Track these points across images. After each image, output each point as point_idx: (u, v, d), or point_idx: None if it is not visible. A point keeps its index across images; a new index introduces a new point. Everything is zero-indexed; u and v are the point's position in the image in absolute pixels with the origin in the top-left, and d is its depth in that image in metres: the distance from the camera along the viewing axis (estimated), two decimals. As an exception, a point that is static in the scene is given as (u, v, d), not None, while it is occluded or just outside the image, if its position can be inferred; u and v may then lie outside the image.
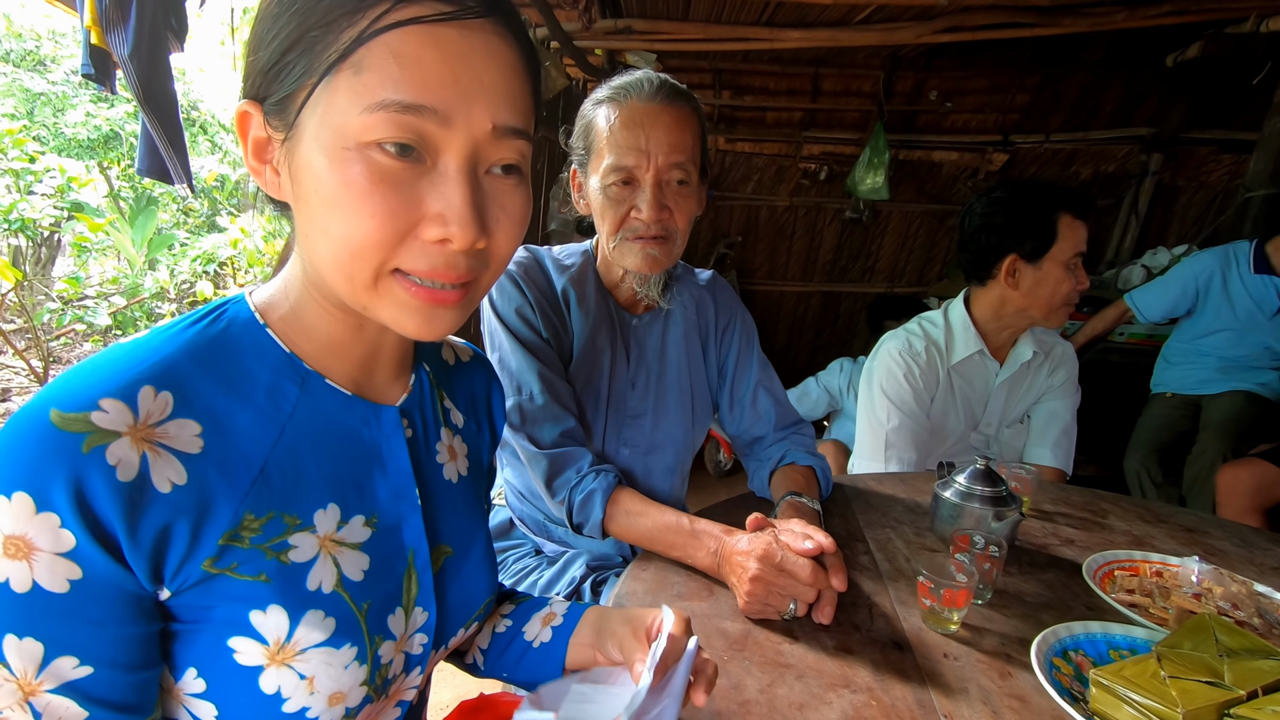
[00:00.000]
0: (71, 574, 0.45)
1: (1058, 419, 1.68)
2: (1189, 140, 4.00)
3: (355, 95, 0.47)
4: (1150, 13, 2.57)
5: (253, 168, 0.54)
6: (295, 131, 0.50)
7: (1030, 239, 1.48)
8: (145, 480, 0.46)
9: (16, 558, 0.43)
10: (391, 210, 0.49)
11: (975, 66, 3.97)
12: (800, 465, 1.23)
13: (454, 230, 0.50)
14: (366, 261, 0.50)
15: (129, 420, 0.46)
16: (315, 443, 0.57)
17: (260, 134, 0.53)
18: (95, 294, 4.67)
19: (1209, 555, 1.14)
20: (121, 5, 1.81)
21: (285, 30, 0.49)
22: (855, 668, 0.79)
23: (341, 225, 0.49)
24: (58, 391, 0.45)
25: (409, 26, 0.47)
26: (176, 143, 2.03)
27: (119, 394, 0.46)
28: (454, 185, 0.50)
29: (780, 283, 5.10)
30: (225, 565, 0.50)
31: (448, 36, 0.48)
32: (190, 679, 0.52)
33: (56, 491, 0.43)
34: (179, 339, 0.52)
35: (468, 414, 0.77)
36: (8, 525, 0.43)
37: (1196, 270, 2.62)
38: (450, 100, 0.49)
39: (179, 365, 0.50)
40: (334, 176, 0.48)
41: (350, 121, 0.47)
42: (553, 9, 2.72)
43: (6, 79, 5.60)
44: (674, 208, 1.08)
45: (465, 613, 0.70)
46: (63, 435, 0.44)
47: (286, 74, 0.49)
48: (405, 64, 0.47)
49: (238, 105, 0.53)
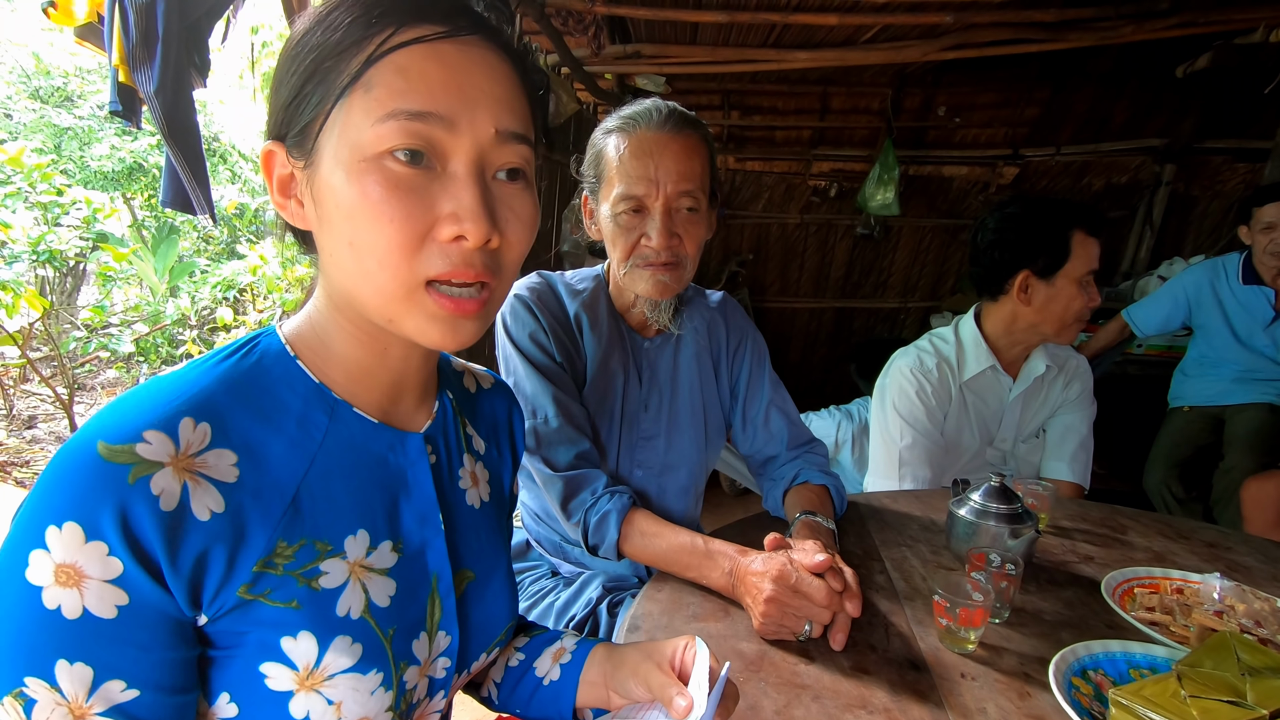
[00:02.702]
0: (119, 600, 0.46)
1: (1074, 433, 1.67)
2: (1202, 150, 3.98)
3: (367, 111, 0.51)
4: (1157, 26, 2.58)
5: (278, 203, 0.58)
6: (314, 157, 0.54)
7: (1043, 255, 1.48)
8: (185, 509, 0.48)
9: (68, 585, 0.45)
10: (408, 214, 0.52)
11: (983, 81, 3.99)
12: (814, 484, 1.23)
13: (467, 226, 0.53)
14: (394, 271, 0.53)
15: (171, 451, 0.48)
16: (344, 470, 0.59)
17: (284, 171, 0.57)
18: (119, 321, 4.77)
19: (1232, 571, 1.12)
20: (148, 44, 1.87)
21: (302, 66, 0.53)
22: (872, 689, 0.79)
23: (365, 235, 0.52)
24: (103, 424, 0.48)
25: (413, 46, 0.52)
26: (199, 175, 2.08)
27: (161, 426, 0.49)
28: (463, 185, 0.53)
29: (793, 300, 5.11)
30: (259, 592, 0.52)
31: (446, 51, 0.53)
32: (224, 703, 0.53)
33: (105, 521, 0.45)
34: (215, 371, 0.54)
35: (489, 440, 0.79)
36: (60, 554, 0.45)
37: (1186, 284, 2.63)
38: (454, 106, 0.52)
39: (216, 397, 0.53)
40: (352, 189, 0.52)
41: (364, 135, 0.51)
42: (562, 36, 2.77)
43: (36, 115, 5.77)
44: (683, 234, 1.10)
45: (487, 637, 0.71)
46: (110, 467, 0.46)
47: (305, 105, 0.53)
48: (411, 77, 0.52)
49: (263, 147, 0.57)
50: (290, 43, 0.55)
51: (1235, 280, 2.50)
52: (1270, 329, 2.44)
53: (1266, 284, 2.41)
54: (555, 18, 2.65)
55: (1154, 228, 4.13)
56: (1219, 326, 2.54)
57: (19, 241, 3.52)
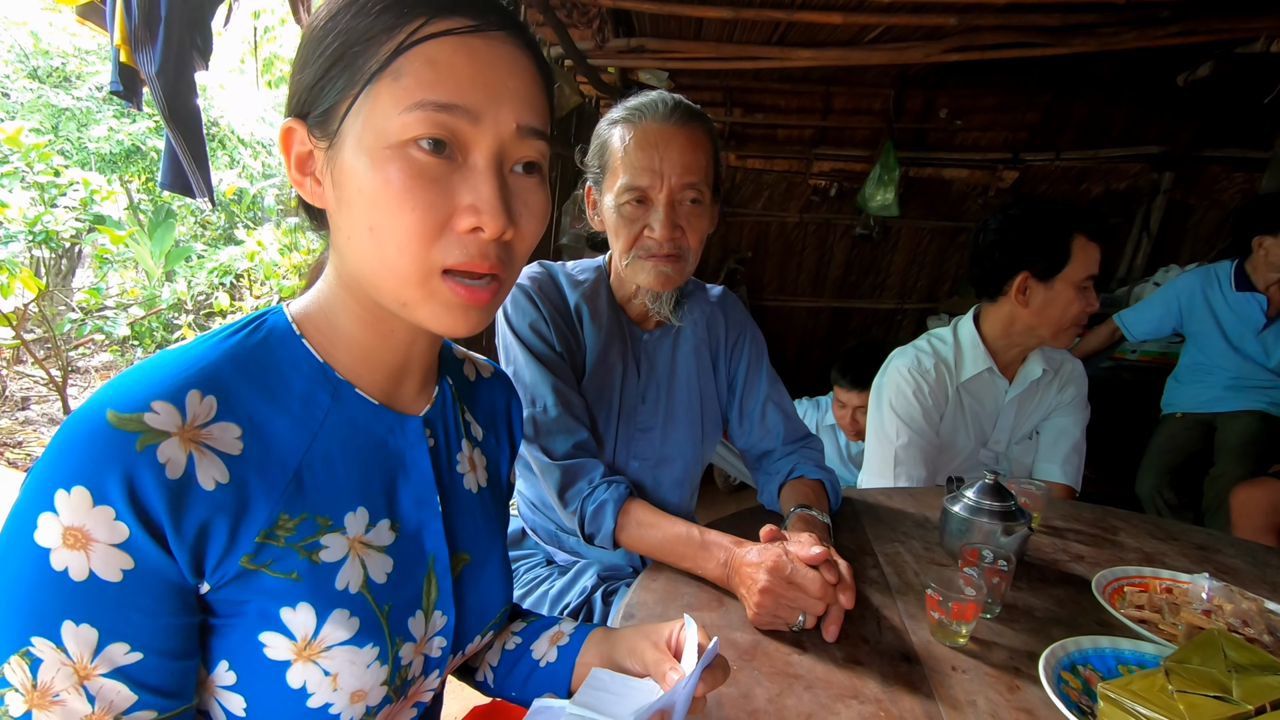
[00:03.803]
0: (125, 564, 0.47)
1: (1067, 436, 1.68)
2: (1200, 159, 4.00)
3: (395, 99, 0.52)
4: (1159, 33, 2.59)
5: (295, 179, 0.58)
6: (338, 140, 0.54)
7: (1043, 258, 1.49)
8: (191, 478, 0.49)
9: (75, 548, 0.46)
10: (429, 203, 0.53)
11: (985, 85, 3.99)
12: (809, 478, 1.24)
13: (485, 219, 0.53)
14: (412, 257, 0.53)
15: (177, 421, 0.49)
16: (345, 449, 0.60)
17: (303, 148, 0.57)
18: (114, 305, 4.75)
19: (1220, 573, 1.14)
20: (150, 25, 1.87)
21: (330, 49, 0.54)
22: (864, 679, 0.80)
23: (385, 220, 0.53)
24: (112, 393, 0.49)
25: (443, 38, 0.53)
26: (199, 158, 2.08)
27: (169, 397, 0.50)
28: (483, 178, 0.54)
29: (791, 298, 5.11)
30: (261, 562, 0.53)
31: (476, 46, 0.54)
32: (222, 671, 0.54)
33: (112, 486, 0.46)
34: (222, 347, 0.55)
35: (487, 428, 0.79)
36: (68, 517, 0.46)
37: (1178, 290, 2.65)
38: (480, 100, 0.53)
39: (222, 371, 0.54)
40: (375, 175, 0.52)
41: (390, 122, 0.52)
42: (567, 28, 2.77)
43: (33, 95, 5.74)
44: (686, 227, 1.10)
45: (482, 619, 0.72)
46: (118, 434, 0.47)
47: (330, 87, 0.54)
48: (440, 69, 0.52)
49: (282, 123, 0.58)
50: (317, 23, 0.55)
51: (1228, 287, 2.52)
52: (1262, 335, 2.46)
53: (1259, 290, 2.43)
54: (560, 10, 2.65)
55: (1151, 235, 4.15)
56: (1211, 333, 2.56)
57: (15, 222, 3.51)
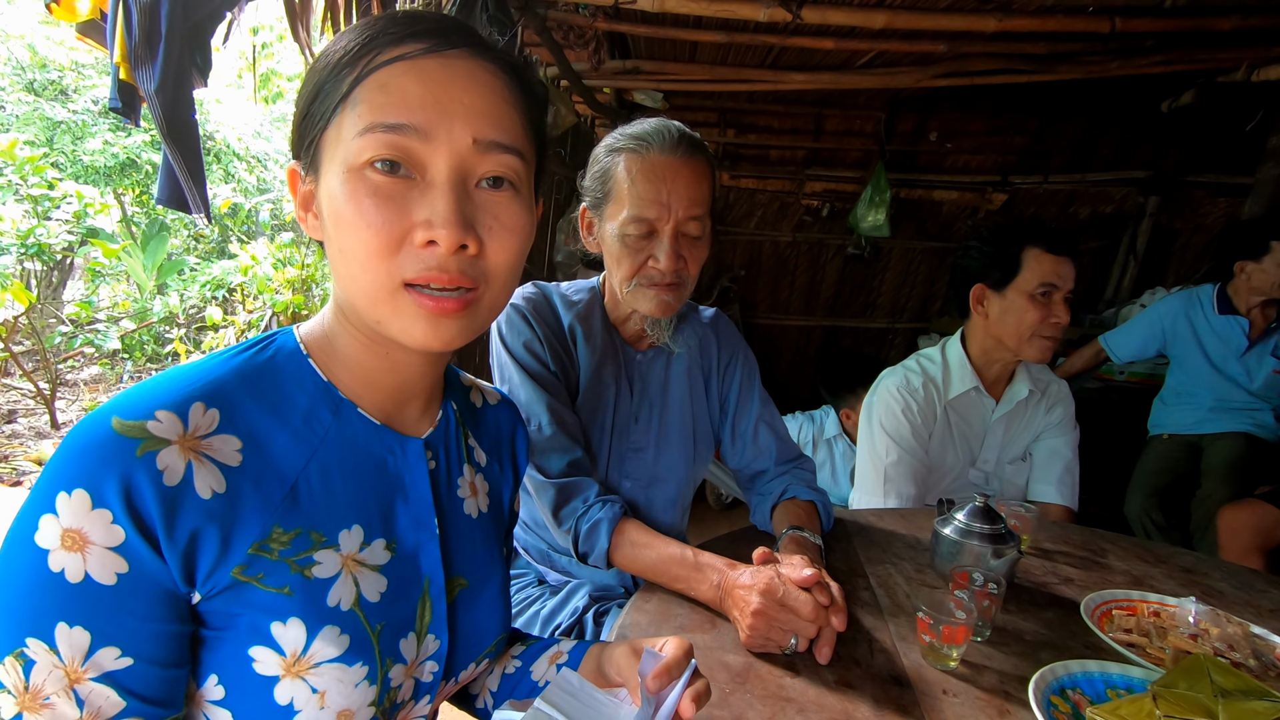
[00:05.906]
0: (119, 568, 0.48)
1: (1059, 456, 1.70)
2: (1185, 183, 4.07)
3: (352, 125, 0.55)
4: (1143, 62, 2.65)
5: (300, 217, 0.61)
6: (320, 173, 0.57)
7: (996, 269, 1.57)
8: (188, 486, 0.50)
9: (72, 550, 0.47)
10: (385, 220, 0.54)
11: (975, 109, 4.06)
12: (802, 500, 1.24)
13: (439, 232, 0.55)
14: (374, 273, 0.55)
15: (179, 430, 0.51)
16: (344, 466, 0.61)
17: (305, 188, 0.60)
18: (105, 318, 4.72)
19: (1207, 596, 1.14)
20: (150, 43, 1.88)
21: (310, 88, 0.57)
22: (856, 703, 0.80)
23: (348, 240, 0.55)
24: (121, 402, 0.50)
25: (396, 63, 0.55)
26: (196, 174, 2.08)
27: (173, 407, 0.51)
28: (438, 193, 0.56)
29: (783, 317, 5.15)
30: (253, 575, 0.53)
31: (428, 66, 0.56)
32: (211, 685, 0.54)
33: (110, 490, 0.47)
34: (230, 363, 0.57)
35: (491, 454, 0.80)
36: (67, 519, 0.47)
37: (1161, 313, 2.69)
38: (430, 118, 0.55)
39: (228, 386, 0.55)
40: (341, 199, 0.55)
41: (350, 147, 0.55)
42: (563, 49, 2.80)
43: (29, 108, 5.74)
44: (688, 256, 1.11)
45: (477, 646, 0.72)
46: (121, 440, 0.48)
47: (310, 123, 0.57)
48: (390, 92, 0.55)
49: (288, 166, 0.61)
50: (310, 66, 0.59)
51: (1210, 310, 2.56)
52: (1244, 358, 2.49)
53: (1241, 314, 2.47)
54: (556, 31, 2.68)
55: (1138, 257, 4.21)
56: (1194, 355, 2.59)
57: (7, 234, 3.50)
